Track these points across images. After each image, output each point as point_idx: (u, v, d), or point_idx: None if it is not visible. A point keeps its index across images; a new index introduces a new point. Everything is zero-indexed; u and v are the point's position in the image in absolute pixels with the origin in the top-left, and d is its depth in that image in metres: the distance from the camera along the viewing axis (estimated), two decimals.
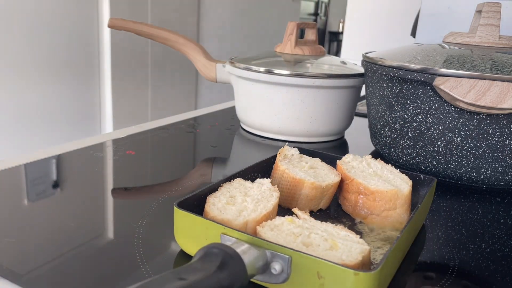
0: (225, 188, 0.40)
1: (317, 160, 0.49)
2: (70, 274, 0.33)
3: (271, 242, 0.30)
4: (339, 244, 0.32)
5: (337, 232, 0.34)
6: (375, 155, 0.67)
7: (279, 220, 0.35)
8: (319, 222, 0.35)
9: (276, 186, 0.41)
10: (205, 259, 0.27)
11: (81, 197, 0.47)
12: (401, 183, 0.43)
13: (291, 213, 0.40)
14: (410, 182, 0.44)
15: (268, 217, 0.36)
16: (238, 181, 0.41)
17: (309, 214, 0.37)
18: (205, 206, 0.37)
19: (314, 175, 0.45)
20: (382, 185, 0.42)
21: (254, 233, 0.34)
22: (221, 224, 0.32)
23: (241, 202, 0.38)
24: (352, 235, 0.33)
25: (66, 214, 0.43)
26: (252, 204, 0.37)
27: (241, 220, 0.35)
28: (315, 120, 0.70)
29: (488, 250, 0.41)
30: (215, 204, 0.37)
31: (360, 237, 0.33)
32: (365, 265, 0.31)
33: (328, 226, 0.35)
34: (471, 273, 0.37)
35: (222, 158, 0.63)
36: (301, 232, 0.33)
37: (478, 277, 0.37)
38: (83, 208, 0.45)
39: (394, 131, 0.60)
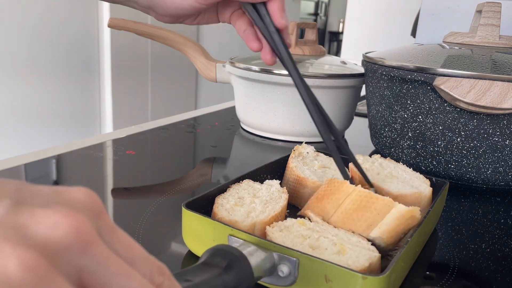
0: (234, 189, 0.39)
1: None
2: None
3: (279, 245, 0.30)
4: (347, 249, 0.31)
5: (348, 238, 0.33)
6: None
7: (290, 221, 0.34)
8: (331, 226, 0.35)
9: (285, 187, 0.41)
10: (211, 261, 0.26)
11: None
12: (420, 184, 0.42)
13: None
14: (428, 182, 0.43)
15: (276, 218, 0.36)
16: (247, 182, 0.41)
17: (322, 218, 0.36)
18: (213, 207, 0.36)
19: (322, 175, 0.45)
20: (403, 189, 0.41)
21: (262, 235, 0.34)
22: (229, 226, 0.32)
23: (249, 204, 0.37)
24: (363, 241, 0.32)
25: None
26: (261, 206, 0.37)
27: (249, 222, 0.34)
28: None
29: (488, 250, 0.41)
30: (223, 205, 0.36)
31: (372, 244, 0.32)
32: (372, 272, 0.30)
33: (340, 231, 0.34)
34: (471, 273, 0.37)
35: (222, 158, 0.63)
36: (310, 235, 0.33)
37: (478, 277, 0.37)
38: None
39: (394, 131, 0.60)
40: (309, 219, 0.36)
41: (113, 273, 0.15)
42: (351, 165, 0.46)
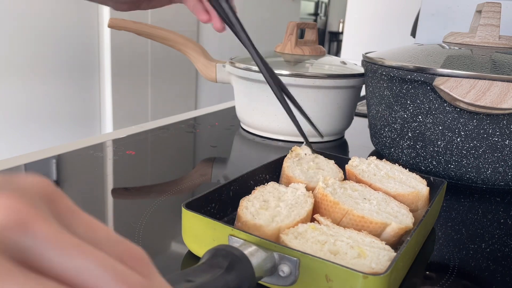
0: (259, 192, 0.38)
1: (331, 162, 0.48)
2: None
3: (280, 245, 0.30)
4: (367, 252, 0.31)
5: (362, 239, 0.33)
6: (375, 155, 0.67)
7: (302, 227, 0.34)
8: (342, 228, 0.34)
9: (311, 192, 0.40)
10: (213, 261, 0.26)
11: (81, 197, 0.47)
12: (417, 184, 0.43)
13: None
14: (424, 182, 0.43)
15: (301, 223, 0.35)
16: (272, 185, 0.40)
17: (331, 221, 0.36)
18: (238, 209, 0.36)
19: (313, 175, 0.45)
20: (401, 188, 0.41)
21: None
22: (229, 225, 0.32)
23: (274, 207, 0.36)
24: (377, 241, 0.32)
25: None
26: (286, 210, 0.36)
27: (273, 226, 0.33)
28: (315, 120, 0.69)
29: (488, 250, 0.41)
30: (248, 208, 0.36)
31: (386, 243, 0.33)
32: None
33: (352, 233, 0.34)
34: (471, 273, 0.37)
35: (222, 158, 0.63)
36: (327, 240, 0.32)
37: (478, 277, 0.37)
38: (83, 208, 0.45)
39: (394, 131, 0.60)
40: (319, 223, 0.35)
41: (62, 251, 0.14)
42: (347, 166, 0.46)
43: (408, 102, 0.56)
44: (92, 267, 0.14)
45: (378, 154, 0.67)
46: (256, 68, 0.68)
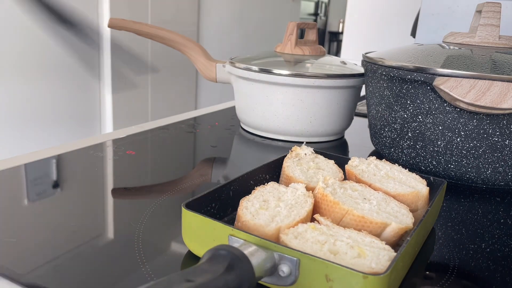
0: (259, 192, 0.38)
1: (331, 162, 0.49)
2: (70, 274, 0.33)
3: (280, 244, 0.30)
4: (367, 252, 0.31)
5: (362, 239, 0.33)
6: (375, 155, 0.67)
7: (302, 227, 0.34)
8: (342, 228, 0.34)
9: (311, 191, 0.40)
10: (213, 261, 0.26)
11: (81, 197, 0.47)
12: (417, 184, 0.43)
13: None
14: (424, 182, 0.43)
15: (301, 223, 0.35)
16: (272, 185, 0.40)
17: (331, 221, 0.35)
18: (238, 209, 0.36)
19: (312, 175, 0.45)
20: (400, 188, 0.41)
21: None
22: (229, 225, 0.32)
23: (274, 207, 0.36)
24: (377, 241, 0.32)
25: (66, 214, 0.43)
26: (286, 210, 0.36)
27: (273, 226, 0.33)
28: (315, 120, 0.70)
29: (488, 250, 0.41)
30: (248, 208, 0.36)
31: (386, 243, 0.33)
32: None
33: (352, 233, 0.34)
34: (471, 273, 0.37)
35: (222, 158, 0.63)
36: (327, 240, 0.32)
37: (478, 277, 0.37)
38: (83, 208, 0.45)
39: (394, 131, 0.60)
40: (319, 222, 0.35)
41: None
42: (347, 166, 0.46)
43: (408, 102, 0.56)
44: None
45: (378, 154, 0.67)
46: (256, 68, 0.68)
